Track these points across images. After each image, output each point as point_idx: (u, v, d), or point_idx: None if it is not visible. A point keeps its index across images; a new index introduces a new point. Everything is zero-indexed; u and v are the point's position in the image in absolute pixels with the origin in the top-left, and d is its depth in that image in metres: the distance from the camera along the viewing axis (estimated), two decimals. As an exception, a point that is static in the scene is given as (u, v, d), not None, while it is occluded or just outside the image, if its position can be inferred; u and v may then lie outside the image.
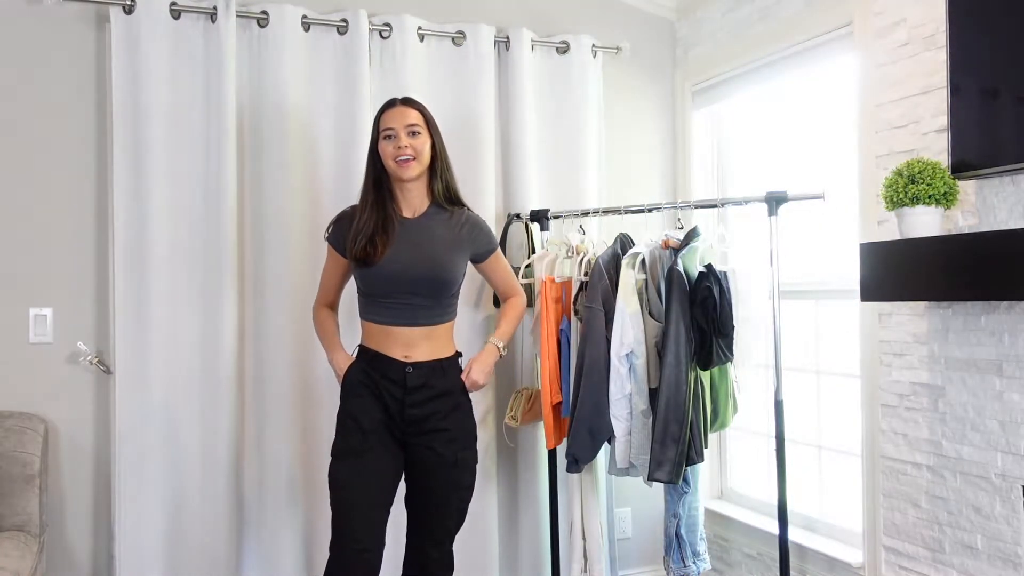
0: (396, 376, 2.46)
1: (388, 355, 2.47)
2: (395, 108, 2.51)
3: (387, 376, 2.47)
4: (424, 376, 2.48)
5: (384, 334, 2.49)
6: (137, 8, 2.91)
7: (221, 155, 2.96)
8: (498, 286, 2.77)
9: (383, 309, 2.49)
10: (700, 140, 3.71)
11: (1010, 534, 2.32)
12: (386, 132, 2.48)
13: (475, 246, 2.61)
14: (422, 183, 2.54)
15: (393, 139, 2.46)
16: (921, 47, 2.55)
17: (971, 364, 2.42)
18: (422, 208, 2.56)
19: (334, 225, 2.58)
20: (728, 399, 2.95)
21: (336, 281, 2.63)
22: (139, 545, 2.89)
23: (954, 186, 2.30)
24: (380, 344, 2.49)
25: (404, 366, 2.46)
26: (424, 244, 2.50)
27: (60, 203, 2.92)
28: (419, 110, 2.53)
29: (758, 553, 3.32)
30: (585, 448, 2.91)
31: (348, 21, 3.15)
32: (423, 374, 2.48)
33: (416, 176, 2.50)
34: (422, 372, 2.48)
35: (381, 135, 2.50)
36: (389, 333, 2.48)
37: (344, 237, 2.52)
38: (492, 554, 3.32)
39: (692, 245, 2.82)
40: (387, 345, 2.48)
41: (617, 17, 3.67)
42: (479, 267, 2.68)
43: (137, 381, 2.91)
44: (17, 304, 2.88)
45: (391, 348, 2.47)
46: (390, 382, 2.47)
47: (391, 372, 2.47)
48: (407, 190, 2.53)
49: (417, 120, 2.50)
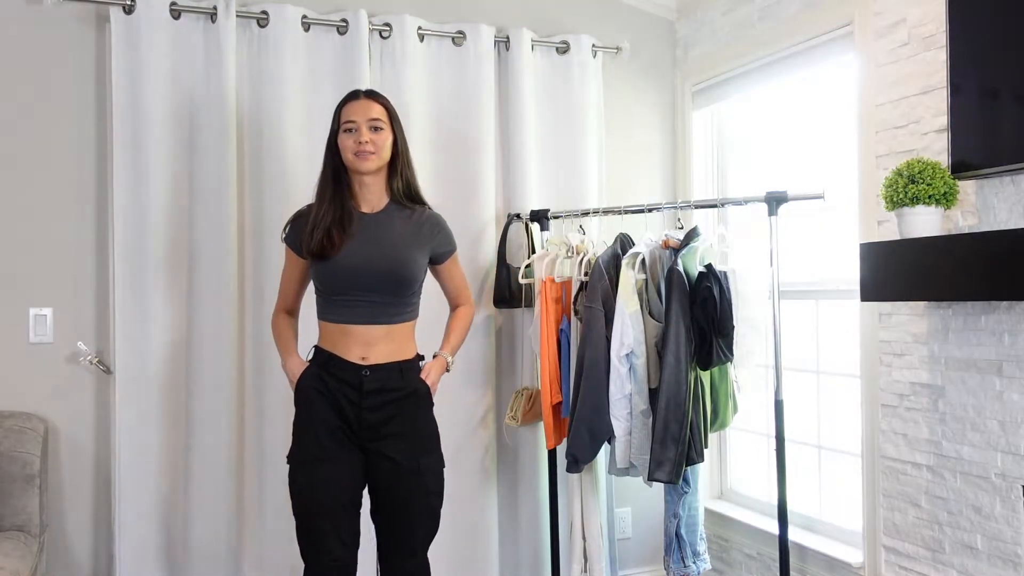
0: (352, 380, 2.37)
1: (344, 357, 2.38)
2: (358, 101, 2.43)
3: (342, 380, 2.37)
4: (381, 380, 2.38)
5: (341, 333, 2.39)
6: (137, 8, 2.91)
7: (221, 155, 2.96)
8: (450, 292, 2.66)
9: (341, 307, 2.39)
10: (700, 140, 3.70)
11: (1010, 534, 2.32)
12: (347, 125, 2.40)
13: (435, 245, 2.52)
14: (381, 179, 2.46)
15: (354, 132, 2.38)
16: (921, 47, 2.55)
17: (971, 364, 2.42)
18: (380, 204, 2.47)
19: (291, 225, 2.50)
20: (728, 399, 2.95)
21: (296, 285, 2.54)
22: (139, 545, 2.90)
23: (954, 186, 2.30)
24: (336, 344, 2.39)
25: (360, 369, 2.37)
26: (384, 240, 2.42)
27: (60, 203, 2.92)
28: (383, 104, 2.45)
29: (758, 553, 3.32)
30: (585, 448, 2.91)
31: (348, 21, 3.15)
32: (380, 377, 2.38)
33: (375, 170, 2.42)
34: (379, 375, 2.38)
35: (342, 127, 2.41)
36: (347, 332, 2.38)
37: (301, 236, 2.43)
38: (492, 554, 3.32)
39: (692, 245, 2.82)
40: (344, 345, 2.38)
41: (617, 17, 3.67)
42: (435, 269, 2.58)
43: (137, 381, 2.91)
44: (17, 304, 2.88)
45: (348, 348, 2.38)
46: (346, 386, 2.37)
47: (346, 375, 2.37)
48: (365, 185, 2.45)
49: (380, 115, 2.41)
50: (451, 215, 3.26)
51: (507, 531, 3.40)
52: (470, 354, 3.29)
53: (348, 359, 2.38)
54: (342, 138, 2.41)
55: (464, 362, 3.29)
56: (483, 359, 3.33)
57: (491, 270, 3.32)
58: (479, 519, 3.30)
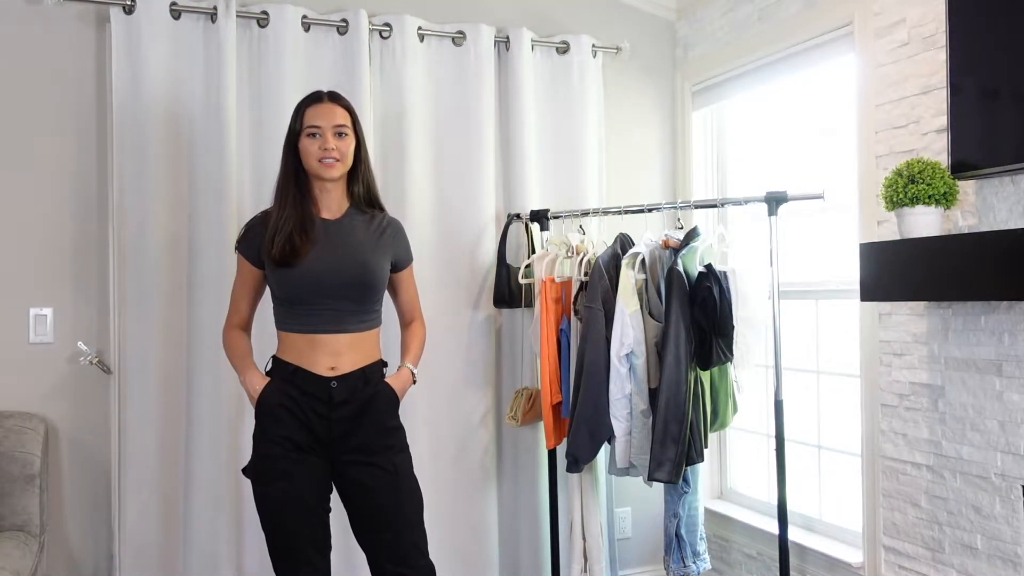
0: (320, 393, 2.29)
1: (310, 370, 2.29)
2: (323, 104, 2.35)
3: (309, 393, 2.29)
4: (349, 389, 2.31)
5: (308, 343, 2.30)
6: (137, 8, 2.91)
7: (221, 155, 2.96)
8: (404, 305, 2.57)
9: (306, 316, 2.31)
10: (700, 140, 3.70)
11: (1010, 534, 2.32)
12: (311, 129, 2.32)
13: (396, 251, 2.47)
14: (341, 184, 2.40)
15: (318, 138, 2.31)
16: (921, 47, 2.55)
17: (971, 364, 2.42)
18: (341, 210, 2.41)
19: (245, 233, 2.40)
20: (728, 399, 2.95)
21: (250, 297, 2.44)
22: (139, 545, 2.89)
23: (954, 186, 2.30)
24: (302, 356, 2.30)
25: (328, 381, 2.29)
26: (347, 246, 2.36)
27: (60, 203, 2.92)
28: (347, 108, 2.38)
29: (758, 553, 3.32)
30: (585, 448, 2.91)
31: (348, 21, 3.16)
32: (347, 387, 2.31)
33: (338, 177, 2.36)
34: (346, 385, 2.31)
35: (304, 131, 2.32)
36: (314, 342, 2.30)
37: (258, 245, 2.34)
38: (492, 554, 3.32)
39: (692, 245, 2.82)
40: (311, 357, 2.30)
41: (617, 17, 3.67)
42: (392, 277, 2.48)
43: (137, 381, 2.91)
44: (17, 304, 2.88)
45: (315, 360, 2.30)
46: (314, 399, 2.29)
47: (314, 389, 2.29)
48: (326, 190, 2.38)
49: (344, 120, 2.34)
50: (451, 215, 3.30)
51: (507, 531, 3.40)
52: (470, 354, 3.29)
53: (315, 371, 2.30)
54: (305, 142, 2.32)
55: (464, 362, 3.29)
56: (483, 359, 3.33)
57: (491, 270, 3.32)
58: (479, 519, 3.30)
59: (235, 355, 2.43)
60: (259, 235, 2.36)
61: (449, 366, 3.26)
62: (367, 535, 2.35)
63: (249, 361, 2.41)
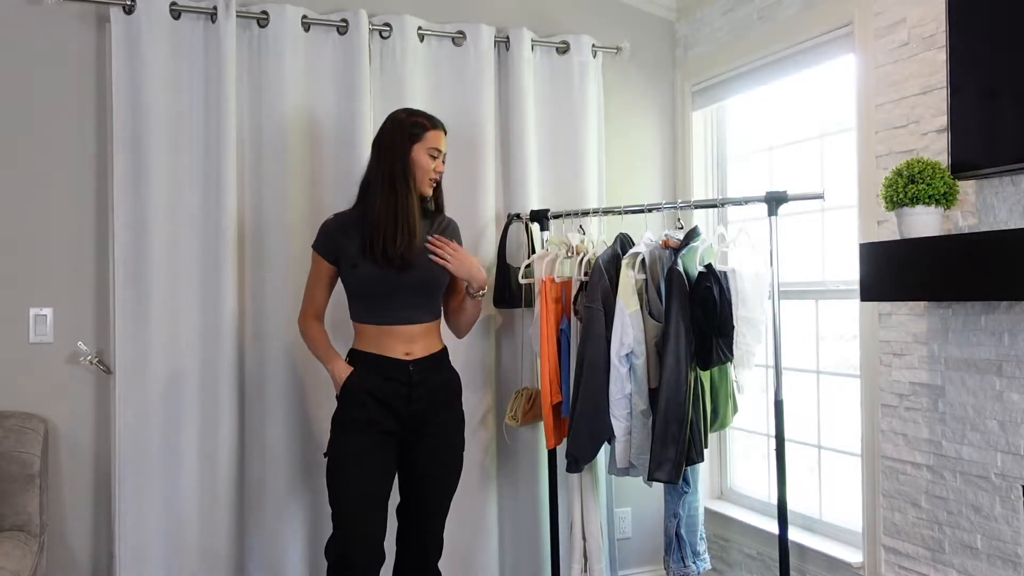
0: (400, 375, 2.58)
1: (389, 355, 2.58)
2: (440, 131, 2.67)
3: (391, 377, 2.57)
4: (424, 371, 2.60)
5: (385, 334, 2.59)
6: (137, 8, 2.91)
7: (221, 155, 2.96)
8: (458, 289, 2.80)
9: (382, 311, 2.59)
10: (700, 140, 3.70)
11: (1010, 534, 2.32)
12: (433, 151, 2.63)
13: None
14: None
15: (435, 160, 2.64)
16: (921, 47, 2.55)
17: (971, 364, 2.42)
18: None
19: (325, 235, 2.66)
20: (728, 399, 2.95)
21: (326, 292, 2.71)
22: (139, 545, 2.89)
23: (954, 186, 2.30)
24: (380, 345, 2.59)
25: (407, 364, 2.58)
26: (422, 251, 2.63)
27: (60, 203, 2.92)
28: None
29: (758, 553, 3.32)
30: (585, 448, 2.91)
31: (348, 21, 3.15)
32: (423, 369, 2.60)
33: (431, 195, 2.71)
34: (422, 367, 2.60)
35: (428, 150, 2.61)
36: (391, 332, 2.58)
37: (338, 245, 2.61)
38: (492, 554, 3.32)
39: (692, 245, 2.82)
40: (388, 345, 2.58)
41: (617, 17, 3.67)
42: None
43: (137, 381, 2.91)
44: (17, 304, 2.88)
45: (392, 347, 2.58)
46: (394, 382, 2.57)
47: (394, 372, 2.58)
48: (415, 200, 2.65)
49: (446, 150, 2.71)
50: (451, 215, 3.28)
51: (507, 531, 3.40)
52: (470, 354, 3.29)
53: (394, 356, 2.58)
54: (424, 158, 2.61)
55: (464, 362, 3.28)
56: (483, 359, 3.33)
57: (491, 270, 3.32)
58: (479, 519, 3.30)
59: (319, 346, 2.69)
60: (333, 235, 2.65)
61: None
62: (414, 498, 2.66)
63: (332, 351, 2.68)
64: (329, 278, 2.68)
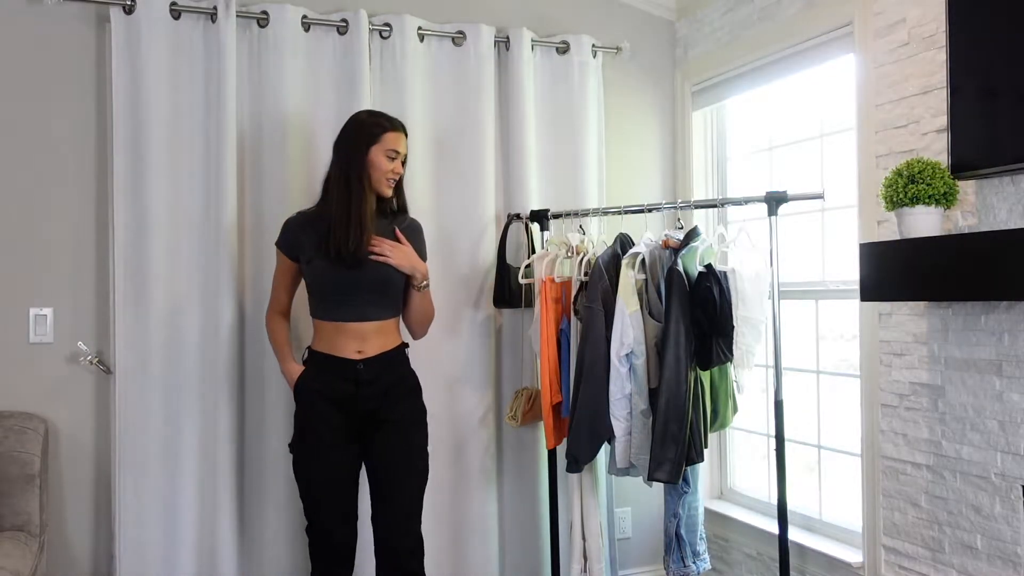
0: (348, 374, 2.60)
1: (339, 355, 2.60)
2: (400, 133, 2.69)
3: (340, 375, 2.60)
4: (375, 371, 2.61)
5: (336, 330, 2.62)
6: (137, 8, 2.91)
7: (221, 155, 2.96)
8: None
9: (335, 307, 2.62)
10: (700, 140, 3.70)
11: (1010, 534, 2.32)
12: (391, 153, 2.65)
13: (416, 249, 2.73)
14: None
15: (393, 160, 2.66)
16: (921, 47, 2.55)
17: (971, 364, 2.42)
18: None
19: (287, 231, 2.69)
20: (728, 399, 2.95)
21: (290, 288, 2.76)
22: (139, 545, 2.89)
23: (954, 186, 2.30)
24: (333, 343, 2.62)
25: (355, 364, 2.60)
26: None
27: (60, 203, 2.92)
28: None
29: (758, 553, 3.32)
30: (585, 448, 2.91)
31: (348, 21, 3.15)
32: (374, 369, 2.61)
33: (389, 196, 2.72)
34: (373, 367, 2.61)
35: (386, 151, 2.63)
36: (342, 329, 2.61)
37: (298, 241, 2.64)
38: (492, 554, 3.32)
39: (692, 245, 2.82)
40: (340, 343, 2.61)
41: (617, 17, 3.67)
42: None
43: (137, 381, 2.91)
44: (17, 304, 2.88)
45: (344, 345, 2.60)
46: (343, 381, 2.60)
47: (343, 371, 2.60)
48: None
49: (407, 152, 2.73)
50: (451, 215, 3.30)
51: (507, 531, 3.40)
52: (470, 354, 3.29)
53: (344, 356, 2.59)
54: (382, 159, 2.63)
55: (464, 362, 3.29)
56: (483, 359, 3.33)
57: (491, 270, 3.32)
58: (479, 519, 3.30)
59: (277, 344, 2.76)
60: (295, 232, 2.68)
61: (449, 366, 3.26)
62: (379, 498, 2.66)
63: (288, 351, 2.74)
64: (292, 275, 2.73)
